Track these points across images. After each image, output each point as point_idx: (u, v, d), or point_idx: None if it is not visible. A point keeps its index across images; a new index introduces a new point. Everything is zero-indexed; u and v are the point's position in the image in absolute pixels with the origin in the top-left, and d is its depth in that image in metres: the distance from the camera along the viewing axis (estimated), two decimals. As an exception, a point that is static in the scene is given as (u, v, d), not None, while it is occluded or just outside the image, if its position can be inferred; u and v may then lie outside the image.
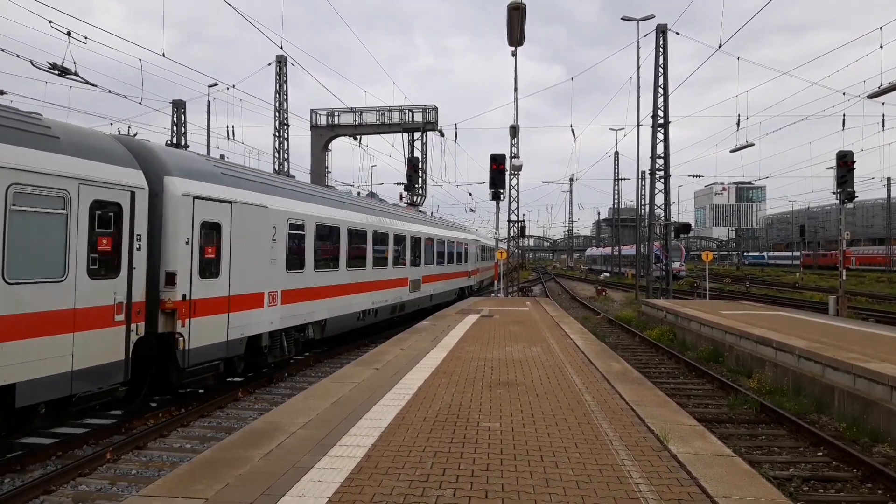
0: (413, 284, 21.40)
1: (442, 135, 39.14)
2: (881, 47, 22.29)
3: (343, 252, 15.62)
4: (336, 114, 38.83)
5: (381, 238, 18.31)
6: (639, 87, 33.71)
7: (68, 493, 7.09)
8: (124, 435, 9.20)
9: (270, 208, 12.21)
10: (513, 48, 26.45)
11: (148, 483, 6.37)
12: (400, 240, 20.17)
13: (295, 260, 13.11)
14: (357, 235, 16.54)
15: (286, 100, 37.25)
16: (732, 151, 32.84)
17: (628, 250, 62.69)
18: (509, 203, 30.12)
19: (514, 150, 29.18)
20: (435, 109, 37.99)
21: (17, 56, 17.16)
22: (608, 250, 79.09)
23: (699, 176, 47.88)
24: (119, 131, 13.99)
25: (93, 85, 18.20)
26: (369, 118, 38.46)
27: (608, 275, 69.17)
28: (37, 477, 7.40)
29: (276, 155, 36.94)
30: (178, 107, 39.09)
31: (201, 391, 11.67)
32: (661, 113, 29.81)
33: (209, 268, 10.42)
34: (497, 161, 25.79)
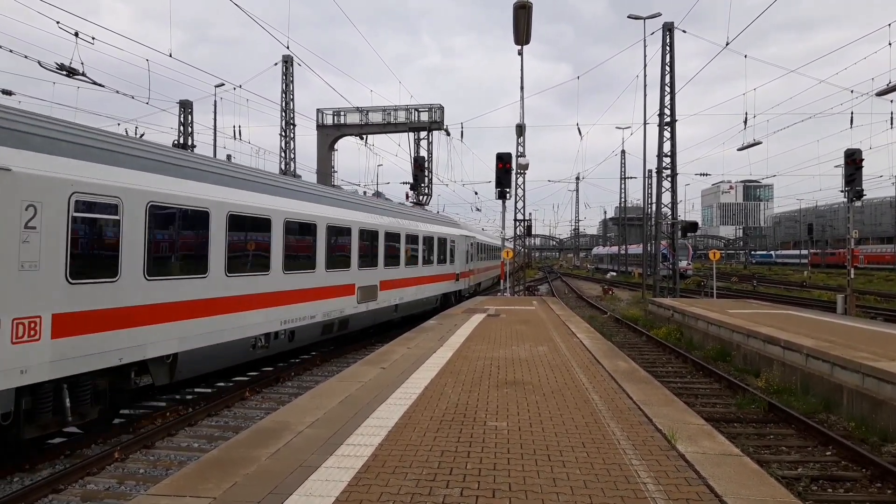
0: (364, 292, 16.57)
1: (448, 134, 39.15)
2: (890, 44, 22.13)
3: (217, 249, 10.60)
4: (342, 113, 38.90)
5: (302, 229, 13.41)
6: (645, 86, 33.54)
7: (77, 492, 7.13)
8: (132, 434, 9.24)
9: (18, 172, 7.26)
10: (519, 47, 26.41)
11: (156, 482, 6.40)
12: (339, 232, 15.23)
13: (91, 263, 8.22)
14: (251, 226, 11.66)
15: (292, 100, 37.35)
16: (740, 150, 32.64)
17: (635, 249, 62.52)
18: (515, 202, 30.09)
19: (521, 148, 29.15)
20: (441, 109, 38.00)
21: (26, 57, 17.24)
22: (615, 249, 78.92)
23: (706, 174, 47.71)
24: (126, 132, 14.01)
25: (100, 85, 18.28)
26: (375, 118, 38.51)
27: (615, 274, 68.98)
28: (45, 476, 7.45)
29: (283, 155, 37.04)
30: (185, 107, 39.23)
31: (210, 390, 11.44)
32: (667, 111, 29.70)
33: None
34: (503, 160, 25.75)
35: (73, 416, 8.18)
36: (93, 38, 15.90)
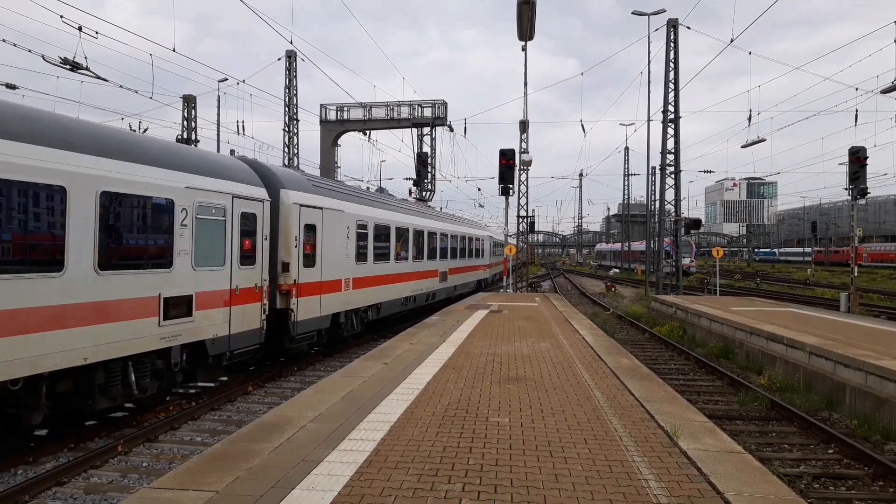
0: None
1: (451, 130, 39.09)
2: (895, 41, 21.99)
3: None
4: (346, 109, 38.84)
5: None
6: (649, 83, 33.34)
7: (80, 485, 7.16)
8: (136, 428, 9.27)
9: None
10: (523, 43, 26.34)
11: (159, 475, 6.41)
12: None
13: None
14: None
15: (296, 95, 37.29)
16: (744, 147, 32.57)
17: (638, 246, 62.45)
18: (518, 198, 30.04)
19: (524, 145, 29.09)
20: (444, 104, 37.92)
21: (30, 51, 17.27)
22: (618, 246, 78.81)
23: (710, 171, 47.60)
24: (130, 126, 14.03)
25: (104, 80, 18.29)
26: (378, 113, 38.45)
27: (618, 271, 68.92)
28: (49, 469, 7.48)
29: (286, 150, 37.01)
30: (189, 101, 39.14)
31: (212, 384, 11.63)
32: (671, 108, 29.59)
33: None
34: (506, 156, 25.70)
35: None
36: (96, 33, 15.90)
